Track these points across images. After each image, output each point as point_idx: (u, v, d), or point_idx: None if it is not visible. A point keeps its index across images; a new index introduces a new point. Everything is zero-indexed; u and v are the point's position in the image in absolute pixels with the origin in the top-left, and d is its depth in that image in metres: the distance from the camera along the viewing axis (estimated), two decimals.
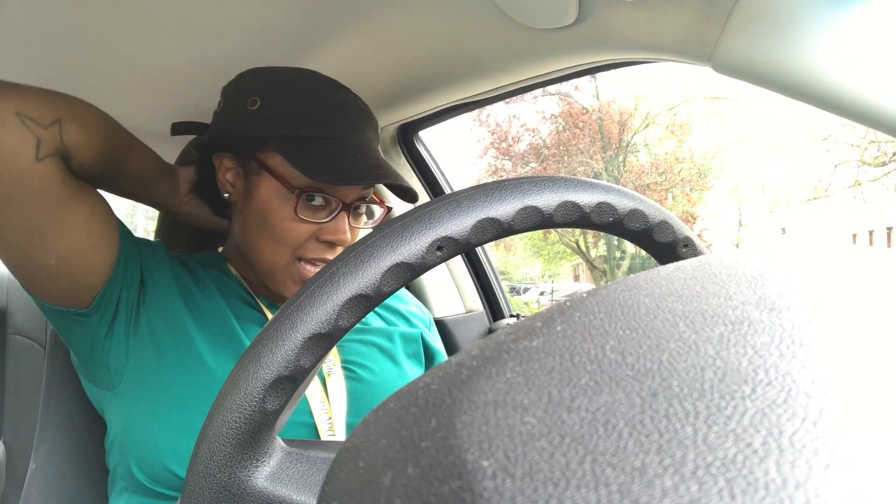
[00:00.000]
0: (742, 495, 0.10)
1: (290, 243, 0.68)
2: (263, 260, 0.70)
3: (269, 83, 0.70)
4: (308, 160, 0.65)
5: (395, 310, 0.86)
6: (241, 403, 0.29)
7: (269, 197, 0.67)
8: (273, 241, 0.68)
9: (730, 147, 12.30)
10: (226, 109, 0.71)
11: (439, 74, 0.95)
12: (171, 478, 0.61)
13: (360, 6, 0.79)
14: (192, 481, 0.30)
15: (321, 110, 0.68)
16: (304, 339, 0.30)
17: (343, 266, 0.31)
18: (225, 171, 0.72)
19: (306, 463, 0.33)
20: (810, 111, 0.58)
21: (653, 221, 0.39)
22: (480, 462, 0.13)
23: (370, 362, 0.75)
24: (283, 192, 0.67)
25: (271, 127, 0.67)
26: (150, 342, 0.65)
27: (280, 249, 0.68)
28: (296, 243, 0.68)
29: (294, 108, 0.67)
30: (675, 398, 0.13)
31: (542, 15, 0.70)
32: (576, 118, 12.52)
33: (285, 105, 0.67)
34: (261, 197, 0.68)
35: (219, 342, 0.66)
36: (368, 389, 0.72)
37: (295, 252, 0.68)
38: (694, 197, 12.34)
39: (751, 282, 0.18)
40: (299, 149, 0.66)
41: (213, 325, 0.68)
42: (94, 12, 0.78)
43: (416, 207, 0.34)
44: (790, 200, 12.48)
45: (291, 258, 0.69)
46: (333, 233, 0.68)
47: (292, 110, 0.67)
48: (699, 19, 0.59)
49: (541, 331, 0.17)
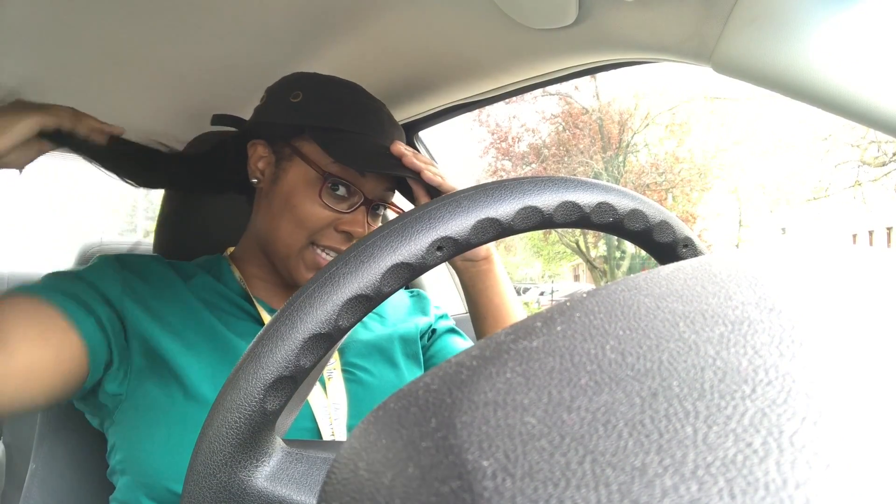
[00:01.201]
0: (742, 495, 0.10)
1: (308, 227, 0.70)
2: (280, 243, 0.72)
3: (312, 81, 0.75)
4: (341, 148, 0.69)
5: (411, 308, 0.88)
6: (241, 403, 0.29)
7: (296, 180, 0.71)
8: (293, 223, 0.71)
9: (730, 147, 12.30)
10: (268, 102, 0.76)
11: (439, 74, 0.95)
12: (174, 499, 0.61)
13: (361, 7, 0.79)
14: (192, 481, 0.30)
15: (357, 110, 0.73)
16: (304, 340, 0.30)
17: (343, 266, 0.31)
18: (258, 159, 0.75)
19: (306, 463, 0.33)
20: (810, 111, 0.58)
21: (653, 221, 0.39)
22: (480, 462, 0.13)
23: (370, 365, 0.75)
24: (311, 176, 0.70)
25: (310, 117, 0.71)
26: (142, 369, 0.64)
27: (298, 232, 0.71)
28: (314, 228, 0.70)
29: (333, 105, 0.72)
30: (675, 398, 0.13)
31: (542, 15, 0.70)
32: (576, 118, 12.53)
33: (325, 100, 0.72)
34: (288, 180, 0.72)
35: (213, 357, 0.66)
36: (368, 392, 0.72)
37: (311, 237, 0.71)
38: (694, 197, 12.35)
39: (751, 282, 0.18)
40: (334, 139, 0.70)
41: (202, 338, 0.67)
42: (94, 14, 0.78)
43: (416, 207, 0.34)
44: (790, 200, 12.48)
45: (307, 242, 0.71)
46: (351, 224, 0.71)
47: (331, 106, 0.72)
48: (699, 19, 0.59)
49: (541, 331, 0.17)
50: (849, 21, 0.51)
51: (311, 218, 0.70)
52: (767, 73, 0.55)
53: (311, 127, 0.71)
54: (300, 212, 0.70)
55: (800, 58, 0.53)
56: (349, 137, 0.71)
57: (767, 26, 0.54)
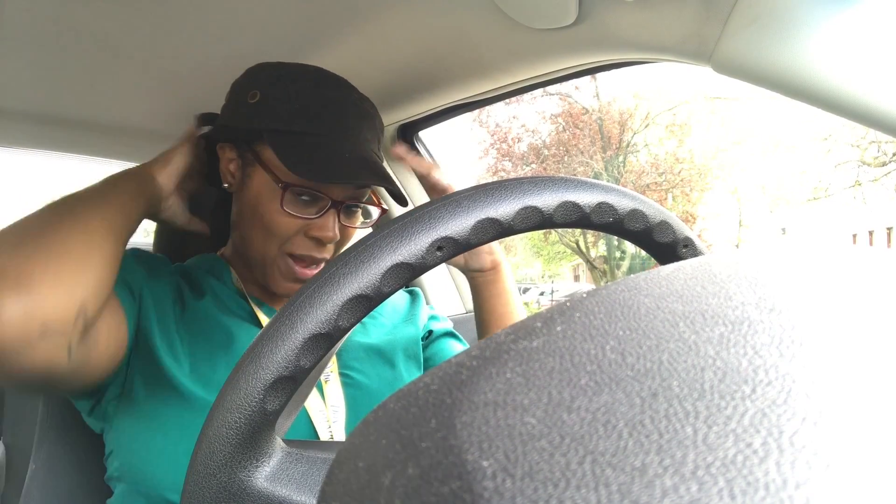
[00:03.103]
0: (742, 495, 0.10)
1: (278, 235, 0.68)
2: (254, 251, 0.71)
3: (271, 77, 0.70)
4: (295, 156, 0.65)
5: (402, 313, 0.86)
6: (241, 404, 0.29)
7: (260, 188, 0.69)
8: (262, 232, 0.69)
9: (730, 147, 12.30)
10: (230, 101, 0.73)
11: (439, 74, 0.95)
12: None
13: (361, 6, 0.79)
14: (192, 481, 0.30)
15: (318, 107, 0.69)
16: (304, 340, 0.30)
17: (343, 266, 0.31)
18: (227, 162, 0.73)
19: (306, 463, 0.33)
20: (810, 111, 0.58)
21: (653, 221, 0.39)
22: (480, 462, 0.13)
23: (367, 367, 0.74)
24: (272, 184, 0.67)
25: (266, 120, 0.68)
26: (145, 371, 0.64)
27: (269, 241, 0.69)
28: (283, 236, 0.68)
29: (291, 104, 0.68)
30: (675, 398, 0.13)
31: (542, 15, 0.70)
32: (576, 118, 12.53)
33: (283, 100, 0.68)
34: (253, 187, 0.69)
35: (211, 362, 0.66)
36: (366, 395, 0.72)
37: (283, 246, 0.69)
38: (694, 197, 12.34)
39: (751, 282, 0.18)
40: (290, 144, 0.66)
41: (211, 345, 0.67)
42: (95, 13, 0.78)
43: (417, 207, 0.34)
44: (790, 200, 12.48)
45: (280, 251, 0.69)
46: (320, 229, 0.68)
47: (288, 106, 0.68)
48: (699, 19, 0.59)
49: (541, 331, 0.17)
50: (849, 21, 0.51)
51: (279, 227, 0.67)
52: (767, 73, 0.55)
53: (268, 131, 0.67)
54: (267, 221, 0.68)
55: (800, 58, 0.53)
56: (306, 141, 0.67)
57: (767, 26, 0.54)
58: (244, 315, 0.71)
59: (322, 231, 0.68)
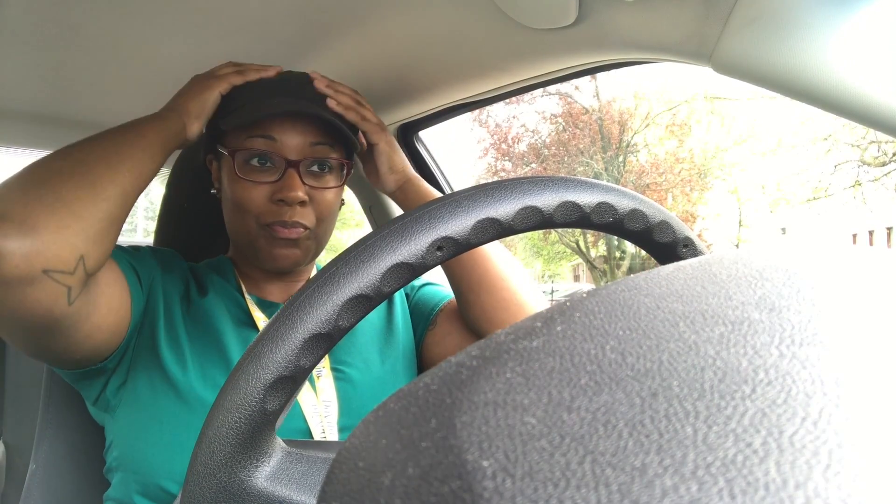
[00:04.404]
0: (742, 495, 0.10)
1: (249, 209, 0.70)
2: (239, 235, 0.73)
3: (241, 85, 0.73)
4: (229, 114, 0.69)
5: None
6: (241, 403, 0.29)
7: (225, 173, 0.73)
8: (237, 212, 0.71)
9: (730, 147, 12.29)
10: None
11: (439, 74, 0.95)
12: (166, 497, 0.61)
13: (361, 6, 0.79)
14: (192, 481, 0.30)
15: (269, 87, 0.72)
16: (304, 340, 0.30)
17: (343, 266, 0.31)
18: (215, 171, 0.77)
19: (306, 463, 0.33)
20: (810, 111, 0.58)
21: (653, 221, 0.39)
22: (480, 462, 0.13)
23: (359, 361, 0.74)
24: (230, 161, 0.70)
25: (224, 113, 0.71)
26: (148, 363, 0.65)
27: (245, 218, 0.71)
28: (255, 208, 0.70)
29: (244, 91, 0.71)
30: (675, 398, 0.13)
31: (542, 15, 0.70)
32: (576, 118, 12.52)
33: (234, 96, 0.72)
34: (223, 178, 0.73)
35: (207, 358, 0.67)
36: (358, 390, 0.72)
37: (259, 218, 0.70)
38: (694, 197, 12.34)
39: (751, 282, 0.18)
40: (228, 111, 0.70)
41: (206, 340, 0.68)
42: (94, 13, 0.78)
43: (417, 207, 0.34)
44: (790, 200, 12.48)
45: (258, 225, 0.71)
46: (282, 190, 0.69)
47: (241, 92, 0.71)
48: (699, 19, 0.59)
49: (541, 331, 0.17)
50: (849, 21, 0.51)
51: (246, 200, 0.69)
52: (767, 73, 0.55)
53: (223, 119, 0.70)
54: (237, 198, 0.70)
55: (800, 58, 0.53)
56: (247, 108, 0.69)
57: (767, 26, 0.54)
58: (239, 312, 0.72)
59: (284, 192, 0.68)
